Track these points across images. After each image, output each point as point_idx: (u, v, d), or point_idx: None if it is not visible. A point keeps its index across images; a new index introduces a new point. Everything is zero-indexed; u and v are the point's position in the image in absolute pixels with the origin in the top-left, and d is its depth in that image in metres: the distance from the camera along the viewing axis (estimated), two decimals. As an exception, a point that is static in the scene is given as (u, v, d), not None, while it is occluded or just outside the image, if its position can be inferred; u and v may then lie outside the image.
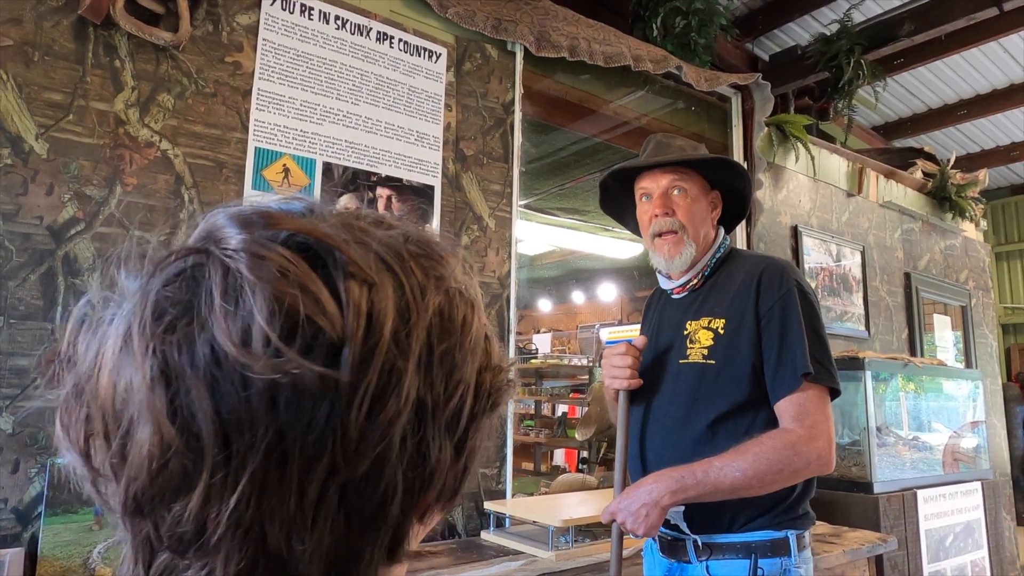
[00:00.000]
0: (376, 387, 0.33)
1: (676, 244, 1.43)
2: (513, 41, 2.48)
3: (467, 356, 0.37)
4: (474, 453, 0.39)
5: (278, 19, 1.98)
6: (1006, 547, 3.50)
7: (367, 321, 0.33)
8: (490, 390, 0.39)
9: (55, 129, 1.61)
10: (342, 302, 0.33)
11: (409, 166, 2.19)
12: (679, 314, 1.49)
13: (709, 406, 1.38)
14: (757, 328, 1.37)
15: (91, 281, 1.62)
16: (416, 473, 0.35)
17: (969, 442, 3.48)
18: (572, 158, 4.21)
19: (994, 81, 4.66)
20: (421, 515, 0.39)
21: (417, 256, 0.37)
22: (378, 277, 0.34)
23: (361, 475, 0.33)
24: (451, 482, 0.38)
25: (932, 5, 3.33)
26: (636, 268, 7.56)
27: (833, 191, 3.90)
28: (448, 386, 0.36)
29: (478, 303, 0.39)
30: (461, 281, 0.39)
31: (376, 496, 0.34)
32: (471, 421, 0.38)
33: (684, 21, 3.02)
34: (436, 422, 0.36)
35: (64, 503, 1.50)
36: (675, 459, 1.34)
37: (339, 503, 0.33)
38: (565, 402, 6.95)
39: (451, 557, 1.87)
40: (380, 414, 0.33)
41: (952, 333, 4.65)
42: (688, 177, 1.47)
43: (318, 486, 0.32)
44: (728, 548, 1.37)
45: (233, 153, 1.87)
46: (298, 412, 0.32)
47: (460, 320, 0.38)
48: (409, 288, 0.35)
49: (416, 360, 0.34)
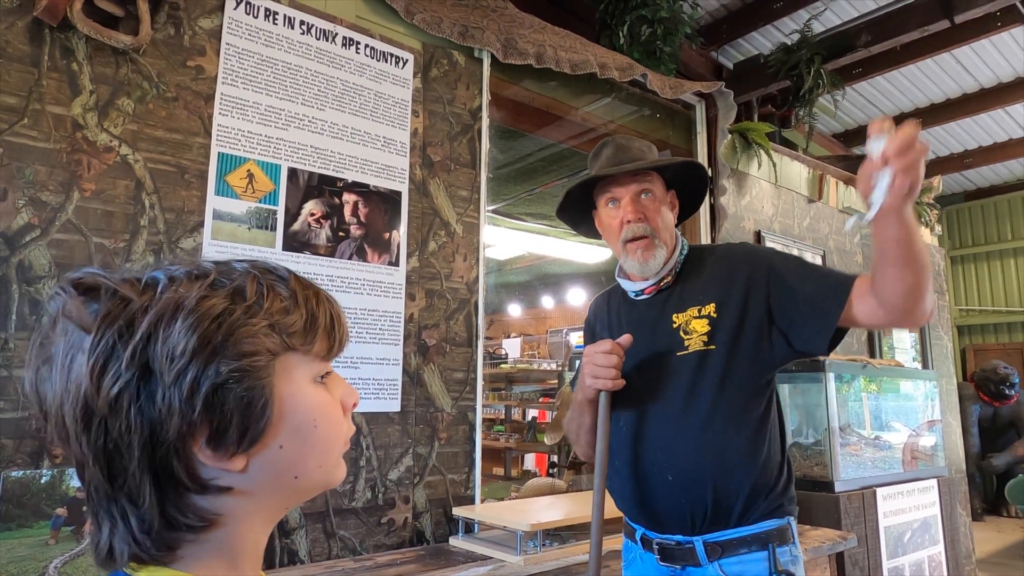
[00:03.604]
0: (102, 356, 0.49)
1: (648, 248, 1.43)
2: (480, 48, 2.49)
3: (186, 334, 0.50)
4: (215, 403, 0.50)
5: (242, 23, 1.96)
6: (961, 542, 3.61)
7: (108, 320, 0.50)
8: (218, 356, 0.50)
9: (9, 133, 1.57)
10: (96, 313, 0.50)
11: (376, 172, 2.19)
12: (655, 312, 1.47)
13: (711, 390, 1.34)
14: (756, 297, 1.36)
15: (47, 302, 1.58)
16: (144, 416, 0.49)
17: (927, 440, 3.58)
18: (540, 164, 4.24)
19: (947, 91, 4.83)
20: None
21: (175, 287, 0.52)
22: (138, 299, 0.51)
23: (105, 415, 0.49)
24: (194, 423, 0.50)
25: (887, 17, 3.44)
26: (605, 273, 7.62)
27: (795, 197, 3.99)
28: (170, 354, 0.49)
29: (203, 305, 0.51)
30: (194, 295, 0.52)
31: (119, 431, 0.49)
32: (198, 379, 0.50)
33: (650, 29, 3.07)
34: (162, 380, 0.49)
35: (18, 517, 1.46)
36: (686, 450, 1.32)
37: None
38: (535, 406, 6.97)
39: (419, 564, 1.87)
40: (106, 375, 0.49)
41: (910, 335, 4.78)
42: (653, 180, 1.48)
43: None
44: (739, 543, 1.33)
45: (196, 158, 1.84)
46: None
47: (183, 313, 0.50)
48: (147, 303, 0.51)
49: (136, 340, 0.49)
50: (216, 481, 0.52)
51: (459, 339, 2.33)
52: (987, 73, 4.48)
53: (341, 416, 0.59)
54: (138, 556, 0.51)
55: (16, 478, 1.47)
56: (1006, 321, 7.42)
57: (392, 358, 2.14)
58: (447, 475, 2.22)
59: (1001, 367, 6.01)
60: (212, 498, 0.53)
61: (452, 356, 2.30)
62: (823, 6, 3.59)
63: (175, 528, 0.51)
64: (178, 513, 0.51)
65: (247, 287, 0.53)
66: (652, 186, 1.47)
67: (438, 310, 2.28)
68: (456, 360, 2.31)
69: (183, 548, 0.53)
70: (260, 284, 0.54)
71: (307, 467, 0.56)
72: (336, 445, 0.59)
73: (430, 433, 2.20)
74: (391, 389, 2.12)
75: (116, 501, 0.51)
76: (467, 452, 2.29)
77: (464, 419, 2.30)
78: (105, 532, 0.52)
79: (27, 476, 1.49)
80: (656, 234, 1.44)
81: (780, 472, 1.40)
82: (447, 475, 2.22)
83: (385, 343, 2.13)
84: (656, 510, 1.40)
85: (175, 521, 0.51)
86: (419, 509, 2.14)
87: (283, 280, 0.56)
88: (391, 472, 2.09)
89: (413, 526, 2.11)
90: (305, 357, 0.56)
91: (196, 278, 0.53)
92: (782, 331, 1.36)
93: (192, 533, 0.52)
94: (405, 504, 2.11)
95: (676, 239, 1.50)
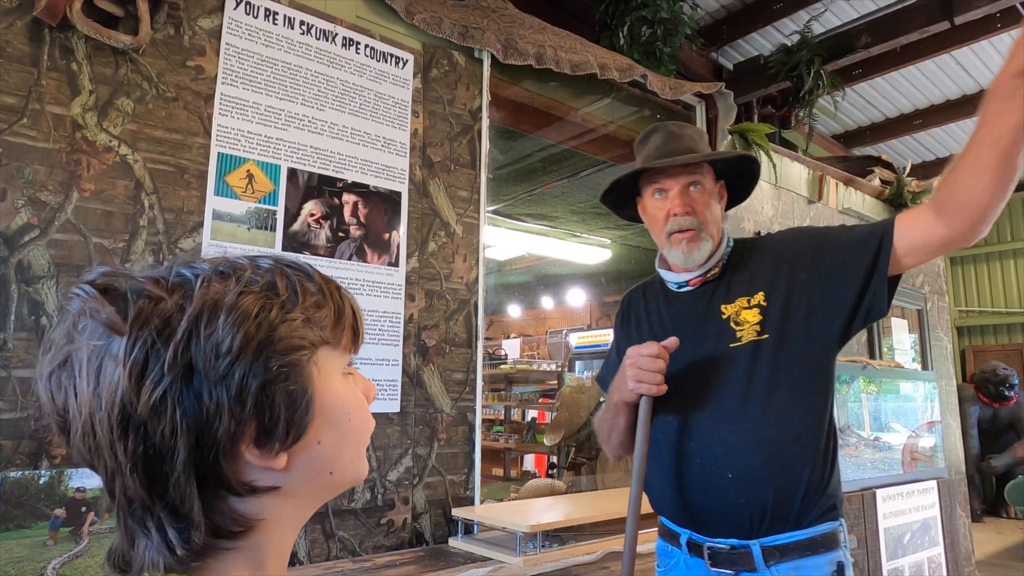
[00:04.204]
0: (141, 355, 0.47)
1: (693, 240, 1.37)
2: (480, 48, 2.49)
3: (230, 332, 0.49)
4: (265, 400, 0.49)
5: (242, 23, 1.96)
6: (961, 543, 3.61)
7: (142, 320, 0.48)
8: (265, 352, 0.50)
9: (8, 133, 1.57)
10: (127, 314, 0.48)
11: (375, 172, 2.18)
12: (703, 304, 1.40)
13: (768, 381, 1.28)
14: (804, 277, 1.32)
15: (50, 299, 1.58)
16: (190, 418, 0.47)
17: (927, 442, 3.58)
18: (539, 164, 4.24)
19: (947, 92, 4.83)
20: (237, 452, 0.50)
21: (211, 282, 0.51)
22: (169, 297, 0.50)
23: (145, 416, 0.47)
24: (244, 423, 0.49)
25: (887, 18, 3.44)
26: (604, 274, 7.62)
27: (794, 198, 3.99)
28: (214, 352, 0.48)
29: (243, 302, 0.50)
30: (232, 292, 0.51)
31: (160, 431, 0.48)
32: (246, 376, 0.49)
33: (650, 30, 3.07)
34: (207, 378, 0.48)
35: (17, 519, 1.45)
36: (746, 446, 1.26)
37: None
38: (535, 407, 6.97)
39: (418, 565, 1.86)
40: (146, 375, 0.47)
41: (909, 336, 4.78)
42: (704, 171, 1.41)
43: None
44: (796, 547, 1.26)
45: (195, 158, 1.84)
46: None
47: (224, 311, 0.49)
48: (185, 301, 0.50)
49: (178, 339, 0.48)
50: (259, 482, 0.51)
51: (459, 340, 2.32)
52: (987, 74, 4.48)
53: (368, 409, 0.59)
54: (171, 567, 0.50)
55: (15, 479, 1.47)
56: (1006, 322, 7.43)
57: (392, 359, 2.14)
58: (446, 476, 2.22)
59: (1001, 368, 6.01)
60: (254, 500, 0.52)
61: (452, 357, 2.30)
62: (823, 7, 3.59)
63: (217, 535, 0.50)
64: (220, 519, 0.50)
65: (278, 283, 0.53)
66: (702, 178, 1.40)
67: (438, 311, 2.28)
68: (456, 361, 2.31)
69: (214, 556, 0.51)
70: (290, 280, 0.54)
71: (342, 461, 0.56)
72: (366, 439, 0.59)
73: (429, 434, 2.20)
74: (390, 390, 2.12)
75: (153, 512, 0.49)
76: (467, 453, 2.29)
77: (464, 420, 2.30)
78: (141, 544, 0.50)
79: (25, 477, 1.49)
80: (703, 227, 1.38)
81: (833, 467, 1.34)
82: (446, 476, 2.22)
83: (385, 344, 2.13)
84: (709, 512, 1.31)
85: (218, 528, 0.50)
86: (418, 510, 2.14)
87: (308, 276, 0.56)
88: (390, 473, 2.09)
89: (412, 527, 2.11)
90: (335, 351, 0.56)
91: (227, 276, 0.52)
92: (837, 305, 1.30)
93: (230, 540, 0.51)
94: (404, 505, 2.10)
95: (722, 233, 1.45)
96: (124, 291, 0.49)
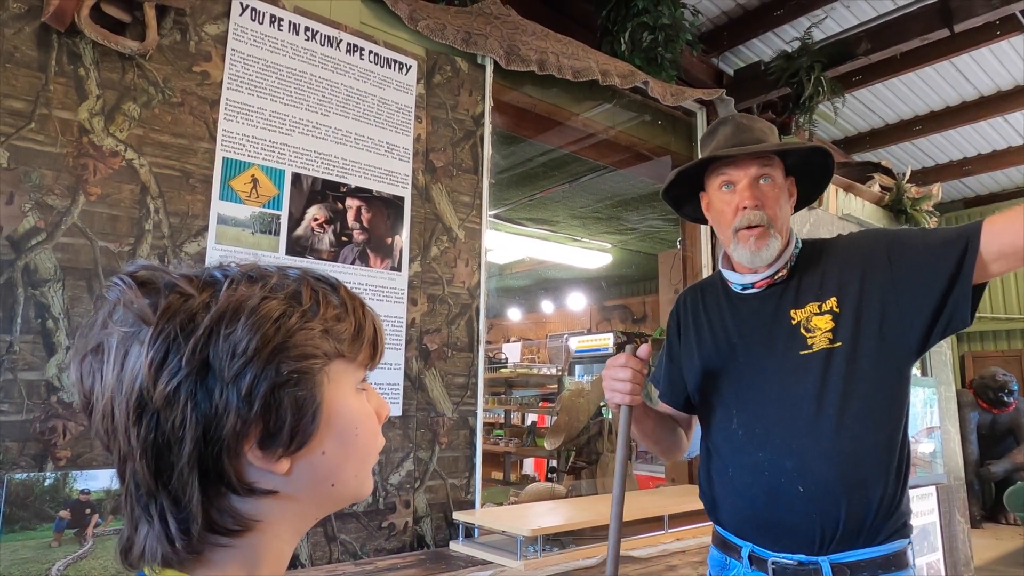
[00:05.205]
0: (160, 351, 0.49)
1: (762, 237, 1.30)
2: (483, 54, 2.51)
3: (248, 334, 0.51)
4: (272, 403, 0.51)
5: (247, 29, 1.97)
6: (960, 549, 3.61)
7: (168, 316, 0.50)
8: (279, 357, 0.51)
9: (16, 137, 1.59)
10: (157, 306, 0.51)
11: (379, 177, 2.20)
12: (770, 308, 1.33)
13: (842, 391, 1.22)
14: (879, 283, 1.25)
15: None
16: (200, 412, 0.49)
17: (926, 447, 3.59)
18: (541, 169, 4.26)
19: (947, 98, 4.84)
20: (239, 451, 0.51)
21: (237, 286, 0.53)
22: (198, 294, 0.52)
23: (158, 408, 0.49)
24: (250, 423, 0.50)
25: (887, 25, 3.46)
26: (604, 278, 7.64)
27: (795, 203, 3.99)
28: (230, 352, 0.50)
29: (264, 307, 0.52)
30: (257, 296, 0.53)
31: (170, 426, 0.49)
32: (256, 378, 0.50)
33: (651, 36, 3.08)
34: (221, 376, 0.50)
35: (22, 520, 1.46)
36: (820, 458, 1.21)
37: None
38: (534, 411, 6.97)
39: (419, 568, 1.87)
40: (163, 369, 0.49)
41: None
42: (774, 165, 1.34)
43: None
44: (868, 565, 1.20)
45: (200, 163, 1.85)
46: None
47: (246, 313, 0.51)
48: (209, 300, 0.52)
49: (198, 336, 0.50)
50: (259, 484, 0.53)
51: (460, 344, 2.33)
52: (986, 81, 4.50)
53: (378, 427, 0.60)
54: (168, 558, 0.51)
55: (20, 480, 1.48)
56: (1005, 328, 7.43)
57: (394, 363, 2.15)
58: (448, 479, 2.23)
59: (1000, 374, 6.01)
60: (253, 501, 0.53)
61: (453, 361, 2.31)
62: (824, 14, 3.61)
63: (214, 531, 0.52)
64: (218, 515, 0.52)
65: (303, 293, 0.55)
66: (772, 171, 1.32)
67: (440, 315, 2.29)
68: (457, 365, 2.32)
69: (210, 553, 0.53)
70: (315, 291, 0.56)
71: (345, 475, 0.57)
72: (373, 456, 0.60)
73: (431, 437, 2.21)
74: (392, 394, 2.13)
75: (157, 499, 0.51)
76: (468, 457, 2.30)
77: (465, 424, 2.31)
78: (143, 530, 0.52)
79: (31, 479, 1.50)
80: (772, 224, 1.30)
81: (906, 483, 1.27)
82: (448, 479, 2.23)
83: (387, 348, 2.13)
84: (777, 526, 1.25)
85: (215, 524, 0.52)
86: (420, 513, 2.15)
87: (334, 289, 0.58)
88: (392, 476, 2.10)
89: (414, 530, 2.12)
90: (350, 365, 0.58)
91: (254, 280, 0.54)
92: (915, 312, 1.22)
93: (226, 538, 0.52)
94: (406, 508, 2.11)
95: (791, 233, 1.37)
96: (159, 285, 0.52)
